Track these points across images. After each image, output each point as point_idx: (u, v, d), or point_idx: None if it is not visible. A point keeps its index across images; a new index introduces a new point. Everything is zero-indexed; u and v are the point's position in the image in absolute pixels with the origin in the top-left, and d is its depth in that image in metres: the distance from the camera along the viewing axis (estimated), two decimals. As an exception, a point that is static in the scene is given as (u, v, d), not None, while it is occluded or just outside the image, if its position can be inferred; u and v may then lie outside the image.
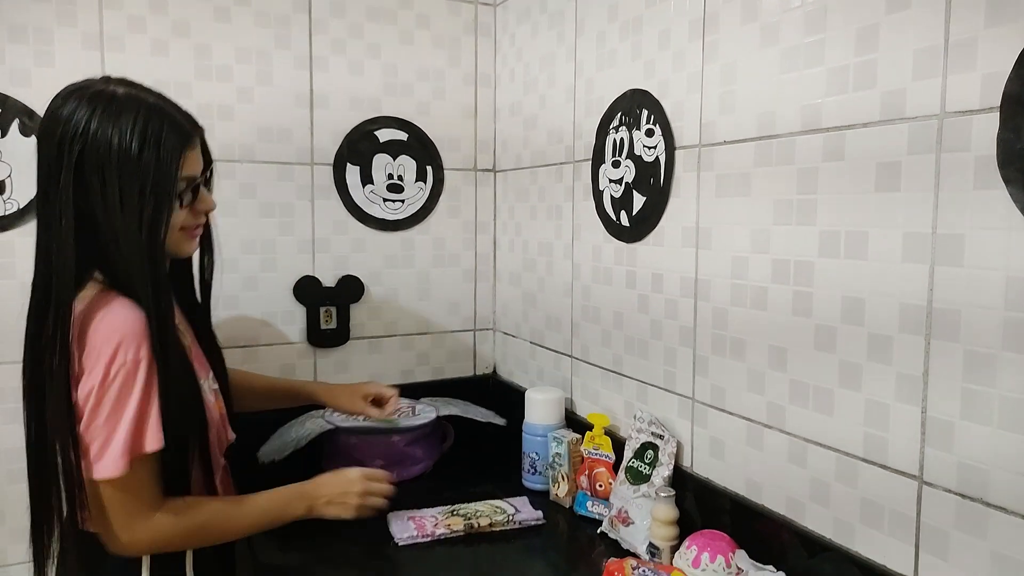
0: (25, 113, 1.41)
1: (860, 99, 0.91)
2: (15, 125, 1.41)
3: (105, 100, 0.98)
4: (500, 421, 1.66)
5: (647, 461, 1.26)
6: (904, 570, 0.89)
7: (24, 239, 1.43)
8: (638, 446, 1.29)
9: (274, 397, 1.46)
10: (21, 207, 1.42)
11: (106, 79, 1.03)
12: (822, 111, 0.96)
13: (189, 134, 1.03)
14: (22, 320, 1.42)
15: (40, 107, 1.42)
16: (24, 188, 1.42)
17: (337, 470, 1.23)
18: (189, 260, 1.18)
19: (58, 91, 1.01)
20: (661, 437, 1.26)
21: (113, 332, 0.96)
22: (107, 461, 0.96)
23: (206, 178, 1.10)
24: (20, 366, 1.44)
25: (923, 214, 0.85)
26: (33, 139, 1.41)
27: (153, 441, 0.99)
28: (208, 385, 1.14)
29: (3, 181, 1.41)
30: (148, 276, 0.99)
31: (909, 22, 0.86)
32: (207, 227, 1.15)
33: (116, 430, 0.96)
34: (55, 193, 0.97)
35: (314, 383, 1.61)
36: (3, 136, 1.40)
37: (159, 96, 1.04)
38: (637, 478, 1.26)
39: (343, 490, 1.18)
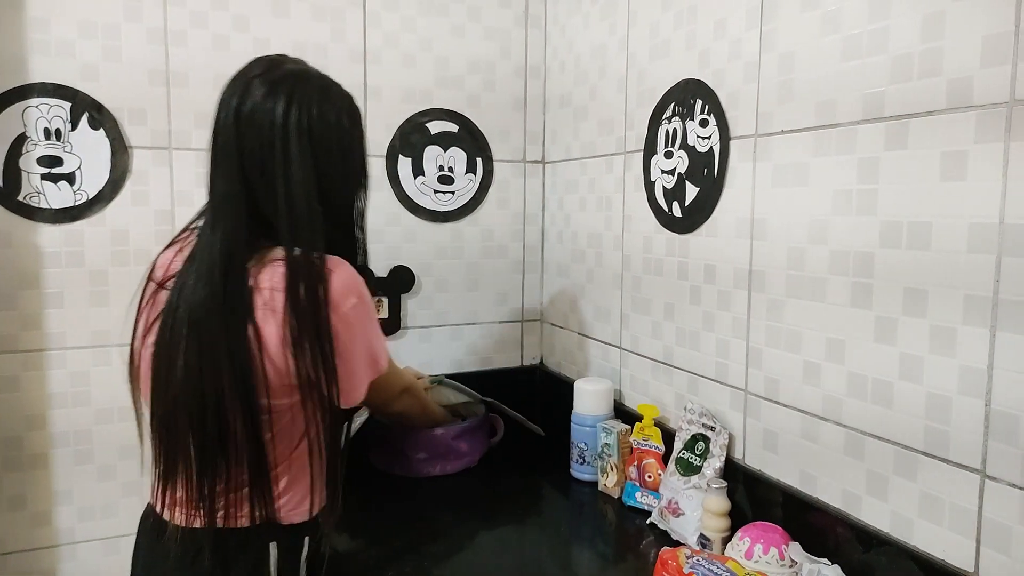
0: (94, 107, 1.46)
1: (925, 87, 0.90)
2: (85, 119, 1.46)
3: (316, 80, 1.03)
4: (539, 431, 1.65)
5: (698, 453, 1.26)
6: (965, 565, 0.88)
7: (93, 229, 1.49)
8: (688, 437, 1.29)
9: None
10: (90, 197, 1.48)
11: (291, 59, 1.05)
12: (885, 99, 0.95)
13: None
14: (93, 308, 1.50)
15: (108, 101, 1.48)
16: (93, 179, 1.48)
17: None
18: None
19: (234, 78, 1.01)
20: (712, 429, 1.25)
21: (351, 278, 1.00)
22: (384, 357, 1.09)
23: None
24: (90, 352, 1.51)
25: (990, 204, 0.83)
26: (101, 132, 1.47)
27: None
28: None
29: (73, 173, 1.47)
30: (361, 242, 1.11)
31: (977, 7, 0.84)
32: None
33: (379, 339, 1.08)
34: (271, 166, 0.97)
35: None
36: (73, 129, 1.46)
37: None
38: (688, 469, 1.26)
39: None
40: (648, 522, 1.29)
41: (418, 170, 1.76)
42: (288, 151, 0.97)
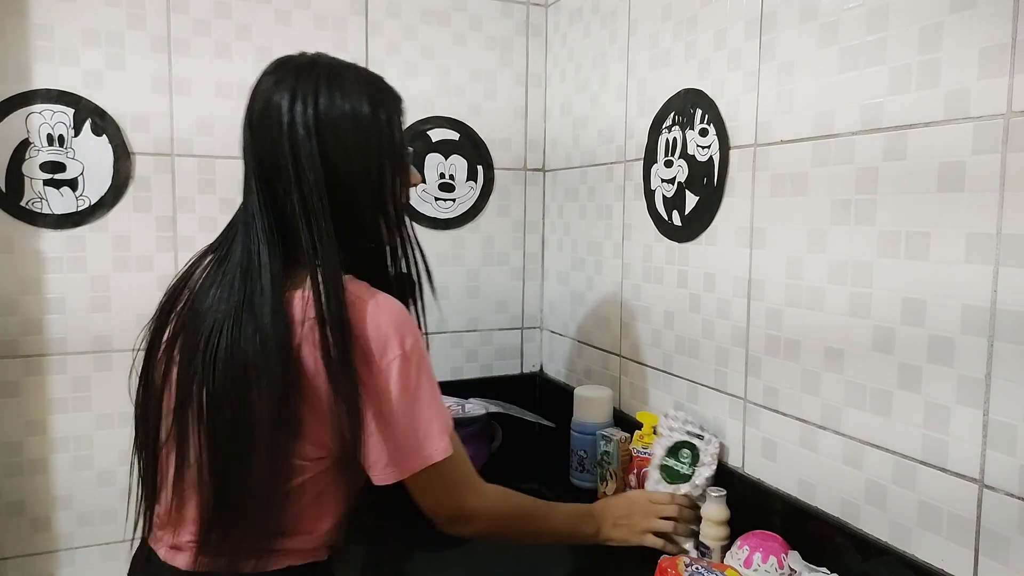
0: (97, 113, 1.47)
1: (923, 98, 0.90)
2: (87, 125, 1.47)
3: (324, 68, 0.95)
4: (549, 423, 1.66)
5: (683, 460, 1.26)
6: (963, 574, 0.88)
7: (95, 235, 1.49)
8: (670, 444, 1.28)
9: None
10: (93, 203, 1.48)
11: (303, 54, 0.98)
12: (883, 110, 0.95)
13: (400, 98, 1.02)
14: (93, 313, 1.51)
15: (111, 108, 1.48)
16: (95, 185, 1.48)
17: (623, 493, 1.24)
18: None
19: (263, 71, 0.97)
20: (700, 437, 1.25)
21: (391, 321, 0.90)
22: (436, 442, 0.92)
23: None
24: (91, 357, 1.52)
25: (988, 215, 0.84)
26: (104, 138, 1.48)
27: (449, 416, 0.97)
28: None
29: (76, 179, 1.47)
30: (397, 233, 0.99)
31: (975, 20, 0.85)
32: None
33: (431, 410, 0.92)
34: (284, 169, 0.91)
35: None
36: (76, 136, 1.46)
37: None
38: (675, 477, 1.26)
39: (629, 512, 1.18)
40: (647, 530, 1.29)
41: (419, 177, 1.76)
42: (297, 152, 0.90)
